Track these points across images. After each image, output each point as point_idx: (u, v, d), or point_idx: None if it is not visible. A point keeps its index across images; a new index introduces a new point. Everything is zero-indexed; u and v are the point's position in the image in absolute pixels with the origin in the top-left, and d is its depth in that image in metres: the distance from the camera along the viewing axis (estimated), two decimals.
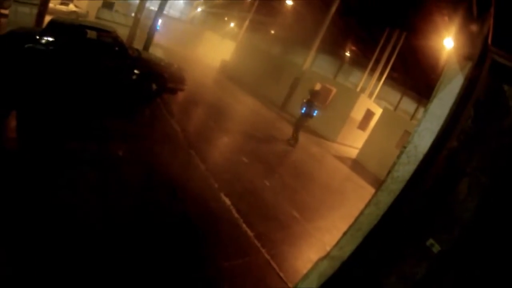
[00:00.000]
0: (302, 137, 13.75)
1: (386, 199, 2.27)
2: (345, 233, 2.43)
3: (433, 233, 2.40)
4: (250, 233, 4.90)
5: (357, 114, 15.94)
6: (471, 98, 2.28)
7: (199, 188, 5.71)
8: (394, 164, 2.32)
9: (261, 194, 6.53)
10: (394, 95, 27.29)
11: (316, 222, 6.28)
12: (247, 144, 9.75)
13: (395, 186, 2.27)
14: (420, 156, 2.22)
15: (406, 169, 2.24)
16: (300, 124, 11.56)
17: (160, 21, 17.00)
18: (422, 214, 2.42)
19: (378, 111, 16.19)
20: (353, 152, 15.04)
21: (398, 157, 2.30)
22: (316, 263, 2.50)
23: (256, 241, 4.75)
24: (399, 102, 26.88)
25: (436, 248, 2.36)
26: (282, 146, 11.17)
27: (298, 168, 9.44)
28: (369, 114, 16.43)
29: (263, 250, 4.60)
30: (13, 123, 5.97)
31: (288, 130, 14.04)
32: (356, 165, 12.95)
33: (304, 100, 11.53)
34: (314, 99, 11.34)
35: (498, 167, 2.27)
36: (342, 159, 13.18)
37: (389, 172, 2.34)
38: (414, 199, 2.29)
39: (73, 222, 3.76)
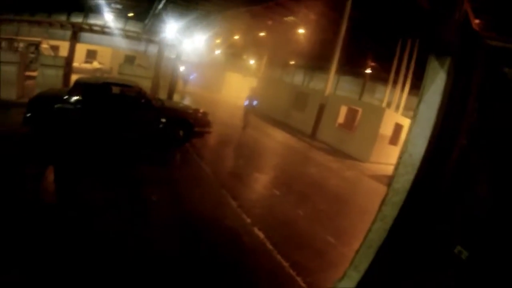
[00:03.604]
0: (335, 162, 13.74)
1: (391, 212, 2.28)
2: (357, 252, 2.44)
3: (457, 238, 2.37)
4: (285, 263, 4.91)
5: (386, 129, 15.71)
6: (469, 91, 2.27)
7: (233, 225, 5.81)
8: (393, 176, 2.34)
9: (295, 224, 6.51)
10: None
11: (353, 245, 6.16)
12: (278, 177, 9.80)
13: (397, 198, 2.28)
14: (417, 164, 2.22)
15: (405, 179, 2.25)
16: (246, 112, 16.06)
17: (181, 67, 17.74)
18: (441, 221, 2.40)
19: (406, 123, 15.91)
20: (388, 169, 14.70)
21: (396, 168, 2.32)
22: (334, 285, 2.52)
23: (291, 271, 4.75)
24: None
25: (465, 255, 2.32)
26: (314, 174, 11.15)
27: (332, 193, 9.34)
28: (398, 128, 16.16)
29: (298, 279, 4.59)
30: (50, 177, 6.38)
31: (320, 157, 14.02)
32: None
33: (247, 96, 16.64)
34: (252, 95, 16.71)
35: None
36: (377, 177, 12.92)
37: (389, 184, 2.37)
38: (420, 207, 2.29)
39: (112, 270, 3.94)
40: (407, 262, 2.31)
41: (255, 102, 16.23)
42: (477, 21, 2.23)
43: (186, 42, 27.10)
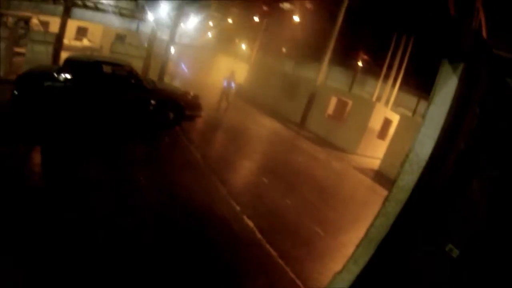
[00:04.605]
0: (322, 152, 13.82)
1: (394, 209, 2.30)
2: (358, 246, 2.46)
3: (450, 237, 2.41)
4: (274, 252, 4.94)
5: (375, 123, 15.82)
6: (473, 97, 2.30)
7: (222, 211, 5.81)
8: (399, 173, 2.36)
9: (283, 213, 6.56)
10: (411, 100, 26.89)
11: (340, 237, 6.26)
12: (266, 165, 9.82)
13: (401, 195, 2.30)
14: (422, 164, 2.24)
15: (410, 178, 2.28)
16: (224, 94, 16.62)
17: (172, 49, 17.53)
18: (436, 220, 2.44)
19: (395, 119, 16.03)
20: (375, 163, 14.87)
21: (402, 166, 2.34)
22: (333, 277, 2.54)
23: (280, 260, 4.78)
24: (416, 106, 26.44)
25: (455, 253, 2.37)
26: (302, 163, 11.20)
27: (320, 184, 9.41)
28: (387, 123, 16.26)
29: (287, 269, 4.63)
30: (37, 157, 6.27)
31: (308, 147, 14.07)
32: (379, 176, 12.80)
33: (224, 78, 17.06)
34: (230, 77, 16.95)
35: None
36: (364, 170, 13.05)
37: (394, 181, 2.39)
38: (423, 206, 2.32)
39: (96, 248, 3.91)
40: (406, 258, 2.34)
41: (232, 84, 16.93)
42: (485, 30, 2.26)
43: (179, 23, 26.71)
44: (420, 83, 24.42)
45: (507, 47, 2.42)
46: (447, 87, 2.21)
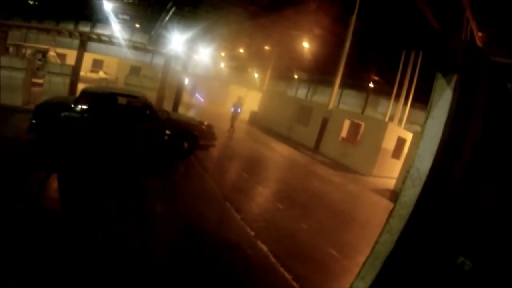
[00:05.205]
0: (337, 176, 13.76)
1: (398, 225, 2.32)
2: (364, 263, 2.48)
3: (461, 249, 2.40)
4: (288, 276, 4.92)
5: (389, 143, 15.76)
6: (473, 106, 2.33)
7: (236, 238, 5.83)
8: (401, 189, 2.39)
9: (298, 237, 6.53)
10: (424, 117, 26.69)
11: (356, 258, 6.18)
12: (281, 191, 9.82)
13: (404, 211, 2.32)
14: (423, 178, 2.27)
15: (412, 193, 2.30)
16: (233, 118, 18.14)
17: (186, 79, 17.99)
18: (445, 232, 2.44)
19: (409, 137, 15.97)
20: (391, 183, 14.73)
21: (403, 182, 2.37)
22: None
23: (294, 283, 4.76)
24: None
25: (468, 265, 2.36)
26: (317, 188, 11.17)
27: (335, 208, 9.34)
28: (401, 142, 16.20)
29: None
30: (54, 184, 6.44)
31: (322, 171, 14.04)
32: (395, 195, 12.59)
33: (233, 104, 18.90)
34: (238, 103, 18.63)
35: None
36: (380, 191, 12.94)
37: (397, 198, 2.42)
38: (427, 219, 2.33)
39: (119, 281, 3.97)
40: (413, 273, 2.34)
41: (239, 109, 18.63)
42: (480, 34, 2.32)
43: (192, 54, 27.36)
44: None
45: (507, 53, 2.47)
46: (442, 100, 2.25)
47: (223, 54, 40.92)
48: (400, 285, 2.38)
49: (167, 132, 9.78)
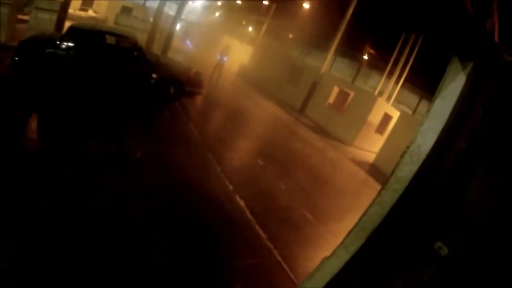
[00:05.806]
0: (320, 141, 13.82)
1: (390, 199, 2.29)
2: (349, 232, 2.46)
3: (441, 235, 2.40)
4: (263, 234, 4.96)
5: (375, 117, 15.79)
6: (478, 97, 2.28)
7: (215, 190, 5.81)
8: (398, 163, 2.34)
9: (276, 196, 6.57)
10: (413, 99, 26.85)
11: (330, 225, 6.28)
12: (263, 147, 9.81)
13: (398, 185, 2.29)
14: (423, 156, 2.23)
15: (409, 169, 2.26)
16: (218, 66, 17.41)
17: (178, 25, 17.38)
18: (430, 216, 2.43)
19: (395, 115, 16.00)
20: (370, 156, 14.90)
21: (402, 156, 2.32)
22: (322, 263, 2.54)
23: (268, 243, 4.80)
24: (417, 105, 26.42)
25: (444, 251, 2.36)
26: (299, 150, 11.19)
27: (314, 171, 9.42)
28: (386, 118, 16.24)
29: (275, 252, 4.65)
30: (34, 124, 6.20)
31: (305, 134, 14.05)
32: (373, 170, 12.83)
33: (219, 52, 18.08)
34: (224, 51, 17.82)
35: None
36: (359, 163, 13.08)
37: (392, 171, 2.37)
38: (418, 199, 2.31)
39: (92, 223, 3.90)
40: (397, 251, 2.34)
41: (225, 58, 17.78)
42: (497, 33, 2.22)
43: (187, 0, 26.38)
44: (424, 83, 24.39)
45: None
46: (454, 83, 2.18)
47: (219, 3, 39.66)
48: (382, 260, 2.38)
49: (154, 75, 9.50)
